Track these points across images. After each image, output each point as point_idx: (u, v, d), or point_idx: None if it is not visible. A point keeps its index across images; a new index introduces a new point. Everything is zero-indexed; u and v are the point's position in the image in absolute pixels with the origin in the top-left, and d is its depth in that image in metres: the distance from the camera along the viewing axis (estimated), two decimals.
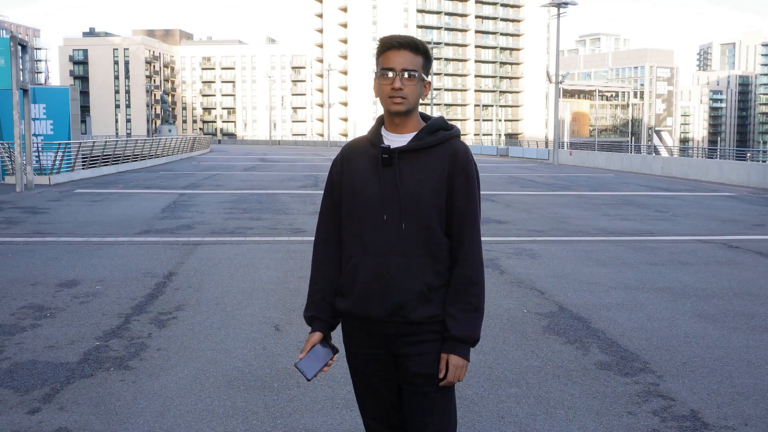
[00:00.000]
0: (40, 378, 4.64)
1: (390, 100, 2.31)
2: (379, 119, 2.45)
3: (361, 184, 2.35)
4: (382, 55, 2.33)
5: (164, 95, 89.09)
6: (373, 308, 2.32)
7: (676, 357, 5.17)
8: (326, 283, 2.45)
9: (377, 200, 2.31)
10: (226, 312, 6.36)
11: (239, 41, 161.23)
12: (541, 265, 8.76)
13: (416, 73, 2.30)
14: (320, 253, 2.49)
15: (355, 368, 2.46)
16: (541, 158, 49.49)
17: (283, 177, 26.88)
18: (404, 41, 2.31)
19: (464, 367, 2.32)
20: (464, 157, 2.34)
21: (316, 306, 2.44)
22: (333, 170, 2.46)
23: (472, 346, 2.33)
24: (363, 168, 2.36)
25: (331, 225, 2.46)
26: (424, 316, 2.30)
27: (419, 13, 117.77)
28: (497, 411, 4.15)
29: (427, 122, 2.39)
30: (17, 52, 19.72)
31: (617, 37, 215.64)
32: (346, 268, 2.39)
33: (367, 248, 2.33)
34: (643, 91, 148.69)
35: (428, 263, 2.30)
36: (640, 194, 20.46)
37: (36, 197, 17.78)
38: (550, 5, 45.96)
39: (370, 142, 2.40)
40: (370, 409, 2.47)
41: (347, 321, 2.44)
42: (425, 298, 2.30)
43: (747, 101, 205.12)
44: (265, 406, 4.20)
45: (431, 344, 2.32)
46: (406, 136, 2.36)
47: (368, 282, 2.32)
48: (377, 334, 2.36)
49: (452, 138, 2.37)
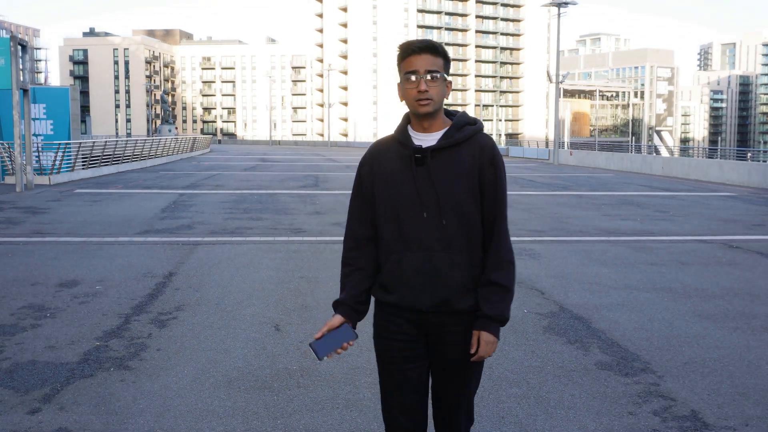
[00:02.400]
0: (40, 378, 4.63)
1: (417, 103, 2.40)
2: (404, 119, 2.53)
3: (395, 184, 2.44)
4: (404, 61, 2.41)
5: (164, 95, 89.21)
6: (420, 301, 2.43)
7: (677, 357, 5.17)
8: (358, 274, 2.53)
9: (414, 199, 2.41)
10: (226, 312, 6.36)
11: (239, 41, 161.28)
12: (542, 265, 8.76)
13: (438, 74, 2.39)
14: (351, 247, 2.56)
15: (386, 355, 2.53)
16: (541, 158, 49.49)
17: (284, 177, 26.88)
18: (424, 45, 2.40)
19: (494, 343, 2.45)
20: (491, 149, 2.46)
21: (345, 295, 2.52)
22: (362, 170, 2.55)
23: (502, 325, 2.47)
24: (395, 168, 2.45)
25: (363, 221, 2.54)
26: (468, 305, 2.45)
27: (419, 13, 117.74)
28: (497, 411, 4.15)
29: (452, 119, 2.49)
30: (17, 52, 19.72)
31: (617, 37, 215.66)
32: (388, 264, 2.47)
33: (409, 244, 2.43)
34: (644, 91, 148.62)
35: (469, 255, 2.44)
36: (641, 194, 20.45)
37: (36, 197, 17.78)
38: (550, 5, 45.96)
39: (398, 141, 2.48)
40: (396, 399, 2.53)
41: (386, 310, 2.52)
42: (468, 288, 2.44)
43: (747, 101, 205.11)
44: (265, 406, 4.20)
45: (470, 331, 2.47)
46: (434, 134, 2.45)
47: (414, 276, 2.43)
48: (419, 322, 2.48)
49: (478, 132, 2.48)
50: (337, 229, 12.03)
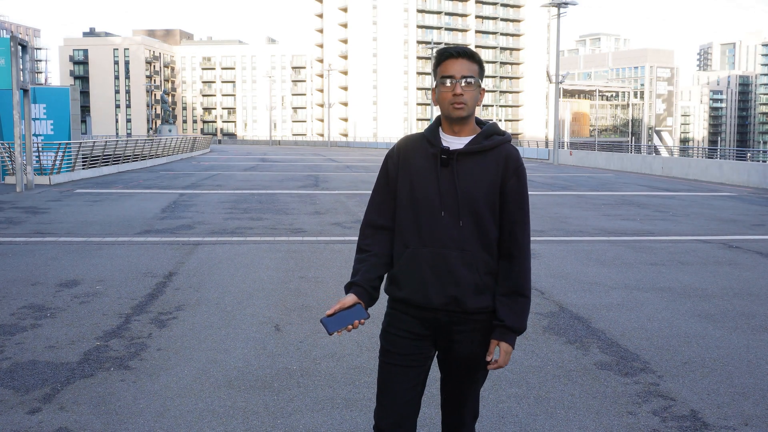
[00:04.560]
0: (40, 378, 4.64)
1: (451, 107, 2.46)
2: (436, 120, 2.59)
3: (419, 180, 2.50)
4: (441, 65, 2.48)
5: (164, 95, 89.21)
6: (430, 298, 2.47)
7: (676, 357, 5.17)
8: (374, 259, 2.56)
9: (435, 197, 2.47)
10: (226, 312, 6.36)
11: (239, 41, 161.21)
12: (542, 265, 8.76)
13: (473, 79, 2.46)
14: (369, 235, 2.60)
15: (390, 347, 2.55)
16: (541, 158, 49.49)
17: (284, 177, 26.89)
18: (461, 50, 2.47)
19: (511, 353, 2.52)
20: (515, 161, 2.52)
21: (359, 277, 2.54)
22: (389, 162, 2.60)
23: (519, 335, 2.52)
24: (421, 165, 2.51)
25: (383, 212, 2.59)
26: (478, 306, 2.49)
27: (419, 13, 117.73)
28: (497, 411, 4.15)
29: (482, 127, 2.56)
30: (17, 52, 19.72)
31: (617, 37, 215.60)
32: (402, 258, 2.52)
33: (424, 240, 2.48)
34: (643, 91, 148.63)
35: (482, 257, 2.48)
36: (640, 194, 20.46)
37: (36, 197, 17.78)
38: (550, 5, 45.96)
39: (427, 140, 2.54)
40: (389, 397, 2.52)
41: (396, 305, 2.56)
42: (479, 289, 2.48)
43: (747, 101, 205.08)
44: (265, 406, 4.20)
45: (479, 331, 2.52)
46: (464, 139, 2.51)
47: (426, 273, 2.47)
48: (428, 319, 2.51)
49: (505, 143, 2.53)
50: (337, 229, 12.03)
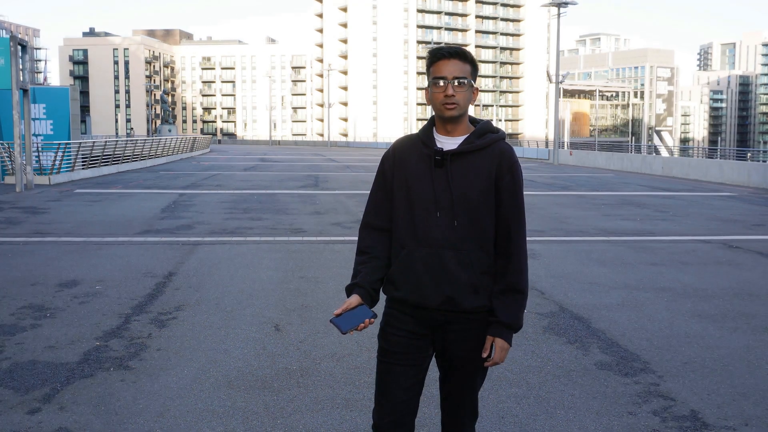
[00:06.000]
0: (40, 378, 4.63)
1: (443, 107, 2.47)
2: (430, 121, 2.61)
3: (414, 181, 2.51)
4: (434, 65, 2.49)
5: (164, 95, 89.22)
6: (426, 297, 2.49)
7: (677, 357, 5.17)
8: (375, 261, 2.58)
9: (430, 198, 2.48)
10: (226, 312, 6.36)
11: (239, 41, 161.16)
12: (542, 265, 8.76)
13: (466, 80, 2.47)
14: (368, 236, 2.63)
15: (388, 346, 2.56)
16: (541, 158, 49.49)
17: (283, 177, 26.88)
18: (453, 51, 2.48)
19: (507, 350, 2.53)
20: (510, 158, 2.51)
21: (361, 279, 2.56)
22: (385, 163, 2.62)
23: (516, 332, 2.53)
24: (416, 166, 2.53)
25: (380, 214, 2.61)
26: (474, 306, 2.49)
27: (419, 13, 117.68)
28: (497, 411, 4.15)
29: (476, 126, 2.57)
30: (17, 52, 19.72)
31: (617, 37, 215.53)
32: (399, 258, 2.53)
33: (420, 240, 2.49)
34: (644, 91, 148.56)
35: (478, 256, 2.49)
36: (641, 194, 20.46)
37: (36, 197, 17.78)
38: (550, 5, 45.94)
39: (422, 141, 2.56)
40: (388, 397, 2.53)
41: (394, 304, 2.58)
42: (475, 289, 2.48)
43: (747, 101, 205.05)
44: (265, 406, 4.20)
45: (476, 330, 2.53)
46: (457, 138, 2.52)
47: (422, 273, 2.49)
48: (424, 319, 2.53)
49: (499, 140, 2.54)
50: (337, 229, 12.03)
